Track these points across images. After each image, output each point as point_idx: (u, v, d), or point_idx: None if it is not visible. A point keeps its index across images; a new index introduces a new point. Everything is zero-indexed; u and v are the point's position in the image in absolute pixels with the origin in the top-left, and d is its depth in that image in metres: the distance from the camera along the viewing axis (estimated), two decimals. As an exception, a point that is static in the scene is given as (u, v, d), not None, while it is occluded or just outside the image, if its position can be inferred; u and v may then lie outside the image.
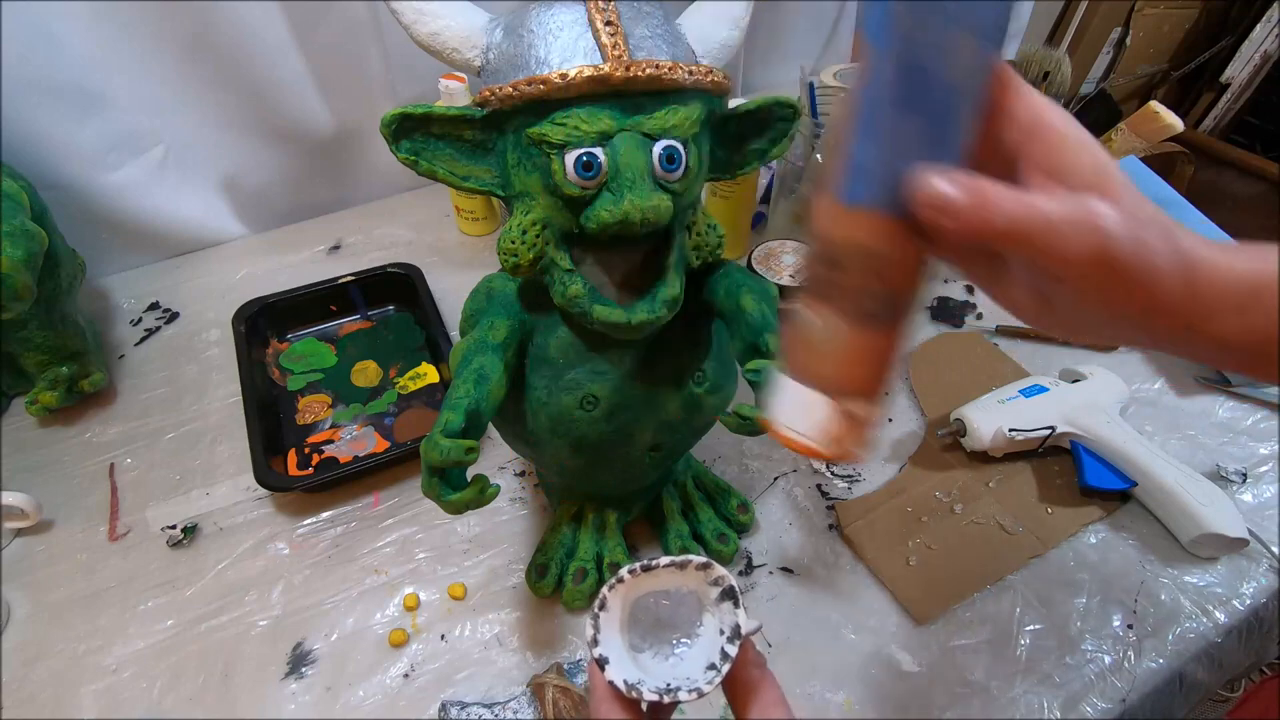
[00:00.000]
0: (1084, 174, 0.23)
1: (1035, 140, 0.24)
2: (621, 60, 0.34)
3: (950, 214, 0.22)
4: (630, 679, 0.25)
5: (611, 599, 0.27)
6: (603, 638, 0.26)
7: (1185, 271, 0.23)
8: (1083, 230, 0.22)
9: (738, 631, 0.26)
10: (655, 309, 0.39)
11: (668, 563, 0.27)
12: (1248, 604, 0.50)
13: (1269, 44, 1.04)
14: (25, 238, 0.53)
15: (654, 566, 0.27)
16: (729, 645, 0.26)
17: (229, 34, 0.69)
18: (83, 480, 0.58)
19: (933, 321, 0.72)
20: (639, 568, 0.27)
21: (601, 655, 0.26)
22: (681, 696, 0.25)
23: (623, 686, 0.25)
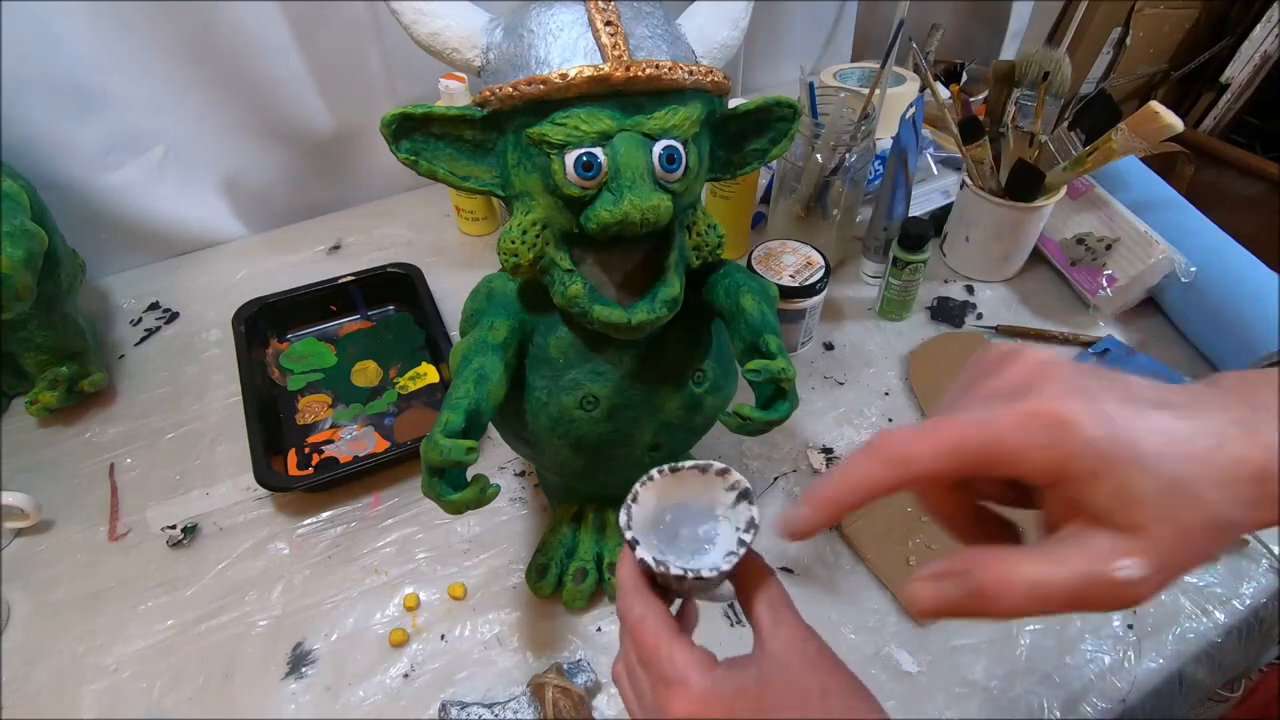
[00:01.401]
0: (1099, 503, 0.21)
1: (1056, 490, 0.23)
2: (621, 60, 0.34)
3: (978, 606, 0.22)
4: (660, 558, 0.27)
5: (644, 494, 0.29)
6: (635, 525, 0.28)
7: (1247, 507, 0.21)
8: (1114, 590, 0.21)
9: (752, 523, 0.28)
10: (655, 309, 0.39)
11: (691, 465, 0.30)
12: (1248, 604, 0.50)
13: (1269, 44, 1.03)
14: (25, 238, 0.53)
15: (680, 468, 0.29)
16: (744, 534, 0.28)
17: (229, 34, 0.69)
18: (83, 480, 0.58)
19: (932, 321, 0.72)
20: (667, 469, 0.29)
21: (634, 537, 0.28)
22: (705, 573, 0.27)
23: (652, 563, 0.27)
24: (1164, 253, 0.66)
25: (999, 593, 0.21)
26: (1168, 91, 1.16)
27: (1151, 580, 0.21)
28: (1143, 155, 0.73)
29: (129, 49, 0.66)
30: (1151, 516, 0.21)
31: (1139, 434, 0.21)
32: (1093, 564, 0.21)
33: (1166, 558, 0.21)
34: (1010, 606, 0.22)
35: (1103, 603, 0.21)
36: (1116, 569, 0.21)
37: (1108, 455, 0.21)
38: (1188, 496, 0.21)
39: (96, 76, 0.66)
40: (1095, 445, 0.21)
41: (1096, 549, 0.21)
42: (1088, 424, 0.21)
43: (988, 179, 0.70)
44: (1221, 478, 0.21)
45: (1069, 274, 0.73)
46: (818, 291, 0.63)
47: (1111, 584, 0.21)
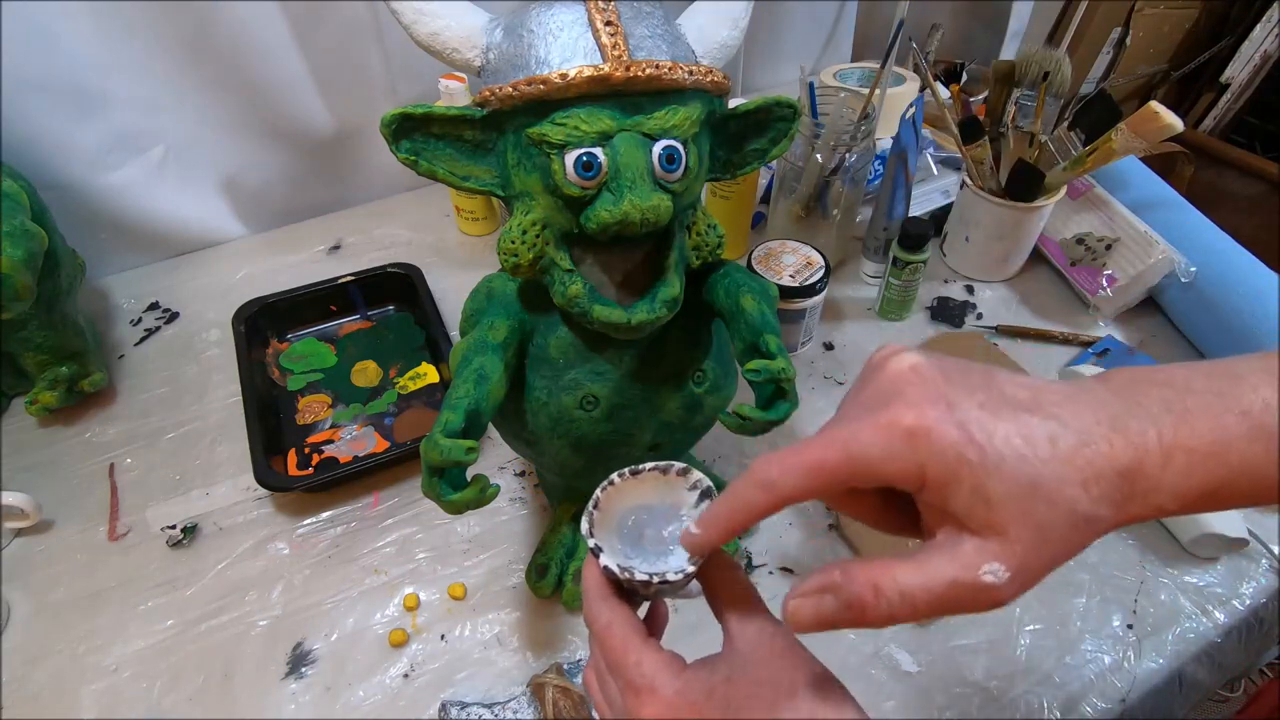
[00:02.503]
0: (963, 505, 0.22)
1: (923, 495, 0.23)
2: (621, 60, 0.34)
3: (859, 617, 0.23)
4: (624, 564, 0.27)
5: (605, 500, 0.29)
6: (597, 531, 0.28)
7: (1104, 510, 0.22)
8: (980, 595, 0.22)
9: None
10: (655, 309, 0.39)
11: (651, 467, 0.29)
12: (1248, 604, 0.50)
13: (1269, 44, 1.04)
14: (25, 238, 0.53)
15: (640, 470, 0.29)
16: (694, 528, 0.27)
17: (229, 34, 0.69)
18: (83, 480, 0.58)
19: (932, 321, 0.72)
20: (628, 472, 0.29)
21: (596, 545, 0.28)
22: (670, 577, 0.27)
23: (617, 570, 0.27)
24: (1164, 253, 0.66)
25: (872, 603, 0.22)
26: (1168, 91, 1.16)
27: (1015, 581, 0.22)
28: (1143, 155, 0.73)
29: (129, 49, 0.66)
30: (1010, 518, 0.21)
31: (996, 438, 0.22)
32: (959, 571, 0.22)
33: (1029, 558, 0.22)
34: (885, 615, 0.23)
35: (970, 606, 0.22)
36: (982, 574, 0.21)
37: (963, 460, 0.21)
38: (1047, 496, 0.21)
39: (96, 76, 0.66)
40: (950, 452, 0.21)
41: (962, 555, 0.22)
42: (942, 432, 0.22)
43: (988, 179, 0.70)
44: (1084, 476, 0.21)
45: (1069, 274, 0.73)
46: (818, 291, 0.63)
47: (977, 588, 0.22)
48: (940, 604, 0.22)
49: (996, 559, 0.21)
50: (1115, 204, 0.71)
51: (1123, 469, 0.21)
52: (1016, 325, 0.70)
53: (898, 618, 0.22)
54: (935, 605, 0.22)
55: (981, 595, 0.22)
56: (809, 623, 0.24)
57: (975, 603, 0.22)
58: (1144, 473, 0.21)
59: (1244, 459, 0.21)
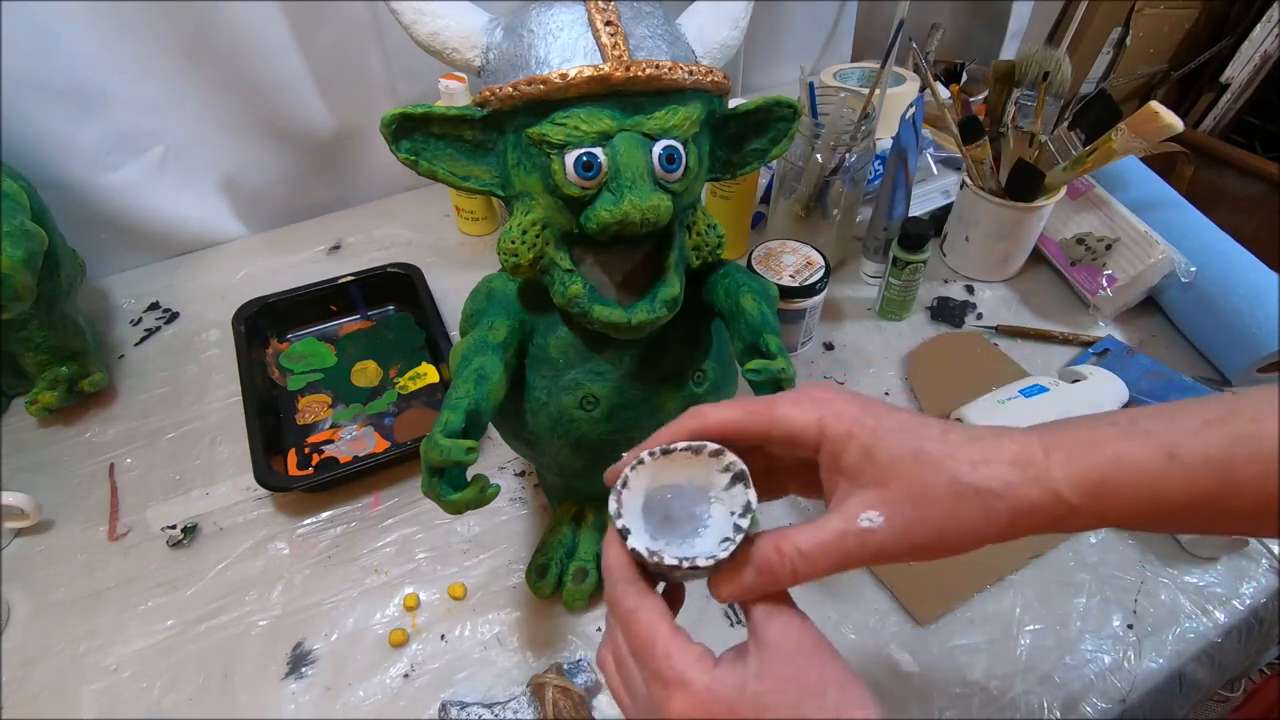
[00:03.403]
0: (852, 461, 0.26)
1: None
2: (621, 60, 0.34)
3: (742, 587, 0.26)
4: (653, 548, 0.27)
5: (634, 479, 0.28)
6: (625, 512, 0.28)
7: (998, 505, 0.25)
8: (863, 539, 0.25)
9: (748, 508, 0.27)
10: (655, 309, 0.39)
11: (684, 447, 0.28)
12: (1248, 604, 0.50)
13: (1269, 44, 1.04)
14: (25, 238, 0.53)
15: (672, 450, 0.28)
16: (741, 519, 0.27)
17: (229, 34, 0.68)
18: (83, 480, 0.58)
19: (932, 321, 0.72)
20: (659, 451, 0.28)
21: (625, 526, 0.27)
22: (700, 563, 0.26)
23: (645, 553, 0.26)
24: (1164, 253, 0.66)
25: (778, 561, 0.26)
26: (1168, 91, 1.16)
27: (890, 526, 0.25)
28: (1143, 155, 0.73)
29: (129, 49, 0.66)
30: (892, 475, 0.25)
31: (890, 418, 0.26)
32: (843, 523, 0.25)
33: (907, 510, 0.25)
34: (790, 572, 0.26)
35: (857, 552, 0.25)
36: (860, 520, 0.25)
37: (858, 422, 0.26)
38: (930, 462, 0.25)
39: (96, 76, 0.66)
40: (846, 414, 0.26)
41: (847, 509, 0.25)
42: (844, 402, 0.26)
43: (988, 179, 0.70)
44: (971, 459, 0.25)
45: (1069, 274, 0.73)
46: (818, 291, 0.63)
47: (858, 534, 0.25)
48: (831, 554, 0.25)
49: (874, 507, 0.25)
50: (1115, 204, 0.71)
51: (1010, 458, 0.25)
52: (1016, 325, 0.70)
53: (800, 574, 0.26)
54: (829, 555, 0.25)
55: (865, 539, 0.25)
56: (730, 595, 0.27)
57: (861, 547, 0.25)
58: (1030, 460, 0.24)
59: (1118, 453, 0.24)
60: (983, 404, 0.59)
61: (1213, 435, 0.24)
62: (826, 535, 0.25)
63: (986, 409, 0.58)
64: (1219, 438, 0.24)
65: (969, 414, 0.58)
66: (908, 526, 0.25)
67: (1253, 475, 0.23)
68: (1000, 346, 0.69)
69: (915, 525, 0.25)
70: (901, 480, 0.25)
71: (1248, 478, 0.24)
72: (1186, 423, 0.24)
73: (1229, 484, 0.24)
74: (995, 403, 0.59)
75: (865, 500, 0.25)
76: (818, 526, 0.26)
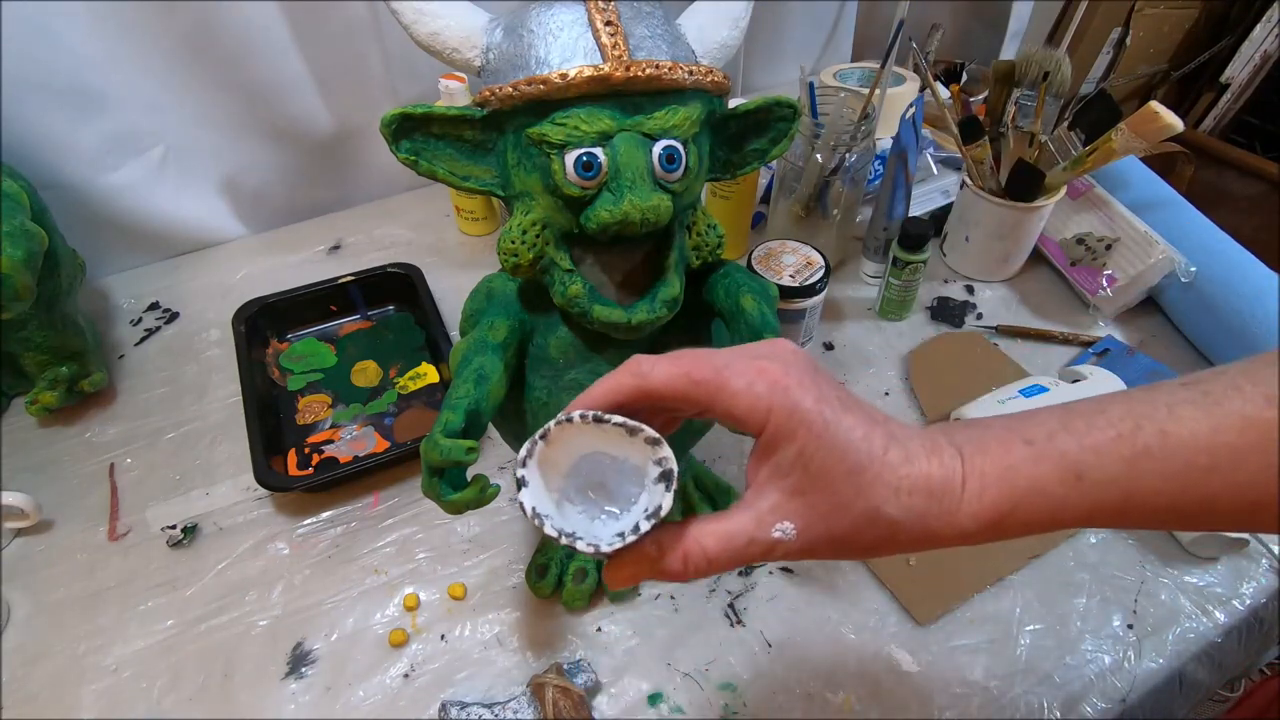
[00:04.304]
0: None
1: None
2: (621, 60, 0.34)
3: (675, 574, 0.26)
4: (541, 510, 0.25)
5: (556, 433, 0.26)
6: (531, 464, 0.26)
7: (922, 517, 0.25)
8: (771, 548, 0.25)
9: (658, 512, 0.25)
10: (655, 309, 0.39)
11: (618, 422, 0.26)
12: (1248, 604, 0.50)
13: (1269, 44, 1.04)
14: (25, 238, 0.53)
15: (605, 420, 0.26)
16: (645, 522, 0.25)
17: (229, 34, 0.69)
18: (83, 480, 0.58)
19: (932, 321, 0.72)
20: (590, 416, 0.26)
21: (523, 476, 0.26)
22: (579, 545, 0.25)
23: (529, 512, 0.25)
24: (1164, 253, 0.66)
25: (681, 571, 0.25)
26: (1168, 91, 1.16)
27: (799, 541, 0.25)
28: (1143, 155, 0.73)
29: (129, 49, 0.66)
30: (817, 489, 0.24)
31: (840, 425, 0.24)
32: (755, 529, 0.25)
33: (819, 528, 0.25)
34: (692, 576, 0.25)
35: (763, 558, 0.25)
36: (774, 531, 0.25)
37: (805, 424, 0.24)
38: (859, 485, 0.24)
39: (96, 76, 0.66)
40: (798, 412, 0.24)
41: (761, 514, 0.25)
42: (800, 394, 0.24)
43: (988, 179, 0.70)
44: (900, 485, 0.24)
45: (1069, 274, 0.73)
46: (818, 291, 0.63)
47: (769, 543, 0.25)
48: (737, 558, 0.25)
49: (789, 519, 0.25)
50: (1115, 204, 0.71)
51: (933, 489, 0.24)
52: (1016, 325, 0.70)
53: (698, 575, 0.26)
54: (733, 560, 0.25)
55: (772, 548, 0.25)
56: (617, 583, 0.27)
57: (764, 554, 0.25)
58: (949, 493, 0.25)
59: (1031, 480, 0.24)
60: (983, 404, 0.59)
61: (1122, 450, 0.24)
62: (737, 541, 0.25)
63: (986, 409, 0.58)
64: (1126, 454, 0.24)
65: (969, 414, 0.58)
66: (813, 539, 0.25)
67: (1153, 489, 0.24)
68: (1000, 346, 0.69)
69: (820, 539, 0.25)
70: (823, 496, 0.24)
71: (1148, 491, 0.24)
72: (1098, 435, 0.24)
73: (1128, 500, 0.24)
74: (995, 403, 0.59)
75: (782, 508, 0.25)
76: (729, 530, 0.25)
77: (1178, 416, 0.24)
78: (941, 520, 0.25)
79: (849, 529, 0.25)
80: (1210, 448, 0.23)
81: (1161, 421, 0.24)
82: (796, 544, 0.25)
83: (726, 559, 0.25)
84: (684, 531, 0.26)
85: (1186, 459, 0.24)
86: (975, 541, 0.25)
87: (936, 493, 0.25)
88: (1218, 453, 0.23)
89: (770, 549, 0.25)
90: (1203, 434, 0.23)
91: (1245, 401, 0.23)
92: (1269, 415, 0.23)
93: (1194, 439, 0.24)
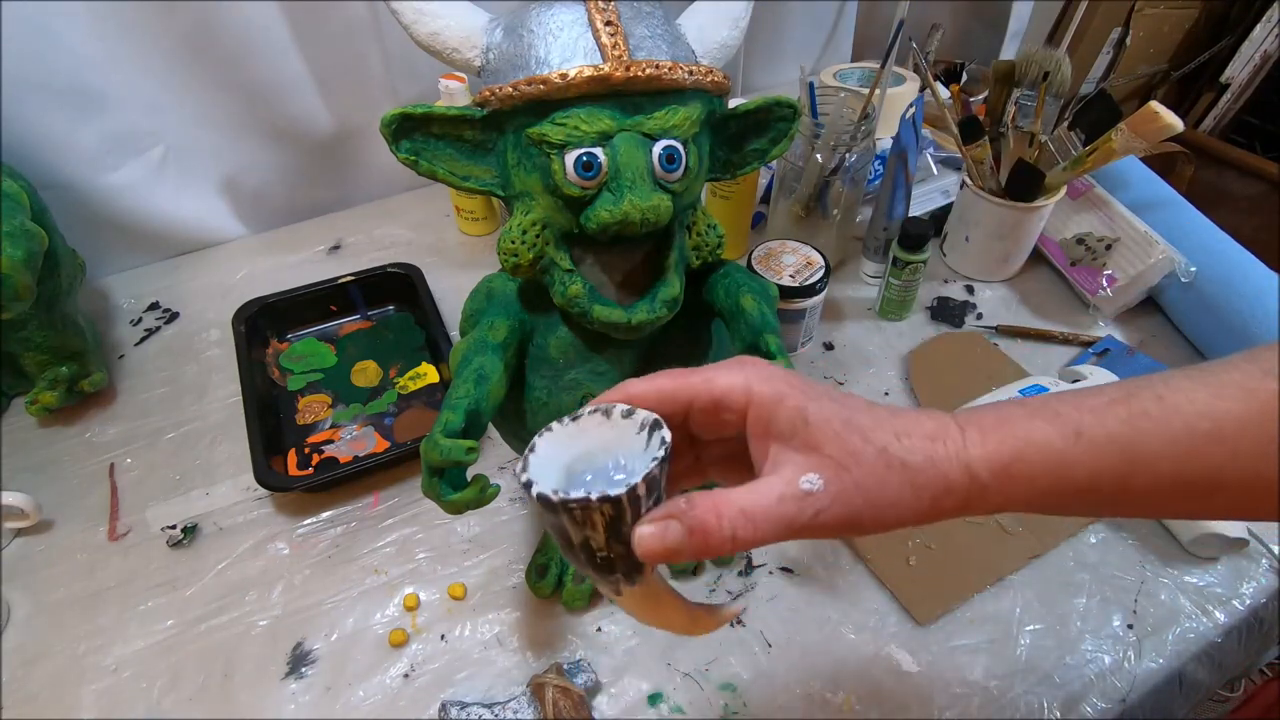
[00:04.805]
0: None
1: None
2: (621, 60, 0.34)
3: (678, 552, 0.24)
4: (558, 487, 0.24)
5: (542, 445, 0.27)
6: (531, 468, 0.25)
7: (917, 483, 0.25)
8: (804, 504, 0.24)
9: (663, 443, 0.25)
10: (655, 309, 0.39)
11: (591, 410, 0.27)
12: (1248, 604, 0.50)
13: (1269, 44, 1.04)
14: (25, 238, 0.53)
15: (580, 415, 0.27)
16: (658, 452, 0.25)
17: (229, 34, 0.69)
18: (83, 480, 0.58)
19: (932, 321, 0.72)
20: (567, 419, 0.27)
21: (529, 479, 0.25)
22: (612, 492, 0.23)
23: (551, 494, 0.24)
24: (1164, 253, 0.66)
25: (715, 525, 0.24)
26: (1168, 91, 1.16)
27: (830, 491, 0.24)
28: (1143, 155, 0.73)
29: (129, 49, 0.66)
30: (825, 438, 0.25)
31: (821, 388, 0.26)
32: (784, 486, 0.24)
33: (842, 475, 0.24)
34: (728, 537, 0.24)
35: (797, 517, 0.24)
36: (801, 483, 0.24)
37: (788, 383, 0.26)
38: (859, 431, 0.25)
39: (96, 76, 0.66)
40: (776, 378, 0.26)
41: (785, 472, 0.25)
42: (771, 370, 0.26)
43: (988, 179, 0.70)
44: (895, 431, 0.25)
45: (1069, 274, 0.73)
46: (818, 291, 0.63)
47: (800, 498, 0.24)
48: (773, 518, 0.24)
49: (813, 470, 0.24)
50: (1115, 204, 0.71)
51: (928, 432, 0.25)
52: (1016, 325, 0.70)
53: (739, 538, 0.24)
54: (771, 521, 0.24)
55: (805, 504, 0.24)
56: (656, 551, 0.24)
57: (800, 512, 0.24)
58: (948, 436, 0.25)
59: (1029, 432, 0.25)
60: (982, 404, 0.59)
61: (1118, 412, 0.24)
62: (767, 499, 0.24)
63: (986, 409, 0.58)
64: (1122, 414, 0.24)
65: (969, 414, 0.58)
66: (843, 492, 0.24)
67: (1155, 452, 0.24)
68: (1000, 346, 0.69)
69: (850, 491, 0.24)
70: (834, 444, 0.24)
71: (1150, 454, 0.24)
72: (1093, 401, 0.25)
73: (1131, 462, 0.24)
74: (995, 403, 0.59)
75: (803, 465, 0.25)
76: (755, 489, 0.25)
77: (1173, 386, 0.24)
78: (952, 463, 0.25)
79: (870, 476, 0.24)
80: (1211, 414, 0.23)
81: (1157, 389, 0.24)
82: (827, 497, 0.24)
83: (761, 515, 0.24)
84: (711, 492, 0.25)
85: (1186, 422, 0.24)
86: (991, 498, 0.25)
87: (936, 435, 0.25)
88: (1220, 420, 0.23)
89: (803, 505, 0.24)
90: (1200, 399, 0.24)
91: (1243, 375, 0.24)
92: (1269, 385, 0.23)
93: (1191, 404, 0.24)
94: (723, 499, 0.24)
